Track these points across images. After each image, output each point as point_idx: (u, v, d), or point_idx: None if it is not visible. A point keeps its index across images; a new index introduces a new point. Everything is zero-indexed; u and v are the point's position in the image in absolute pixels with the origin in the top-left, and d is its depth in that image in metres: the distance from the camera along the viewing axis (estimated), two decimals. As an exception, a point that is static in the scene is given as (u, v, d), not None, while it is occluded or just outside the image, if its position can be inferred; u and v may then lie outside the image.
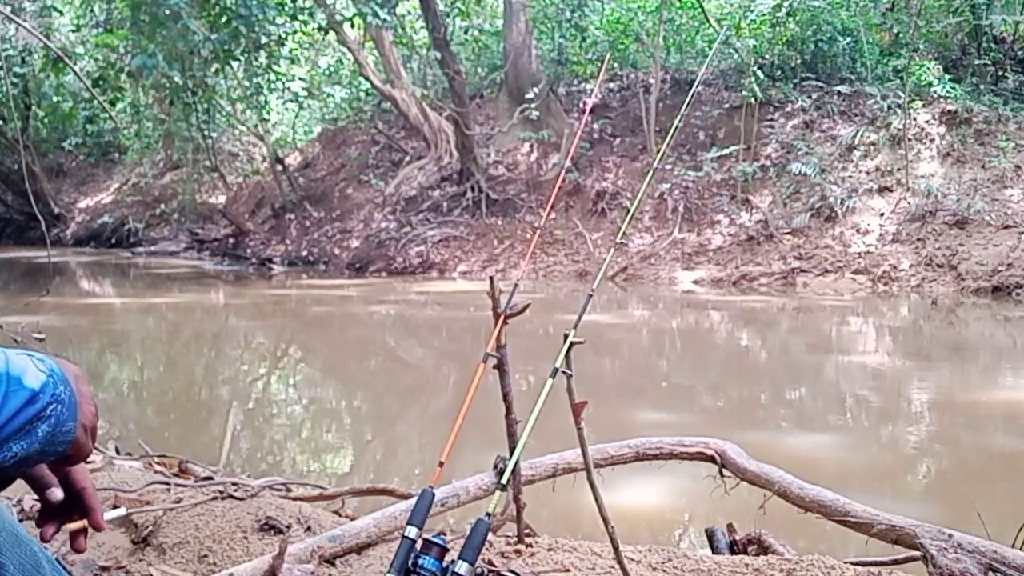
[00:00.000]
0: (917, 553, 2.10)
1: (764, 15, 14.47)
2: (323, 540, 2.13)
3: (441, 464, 1.56)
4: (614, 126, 15.37)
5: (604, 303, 10.68)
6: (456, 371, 7.16)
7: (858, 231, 12.05)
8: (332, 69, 18.60)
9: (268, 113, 16.66)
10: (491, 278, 2.06)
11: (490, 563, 2.15)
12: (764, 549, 2.45)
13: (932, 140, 12.82)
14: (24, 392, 0.88)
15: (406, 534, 1.40)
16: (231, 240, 16.44)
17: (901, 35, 14.08)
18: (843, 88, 14.07)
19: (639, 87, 15.55)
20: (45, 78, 16.93)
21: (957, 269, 10.95)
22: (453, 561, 1.36)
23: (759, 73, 13.64)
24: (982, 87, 13.51)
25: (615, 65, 16.22)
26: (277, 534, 2.28)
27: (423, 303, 11.59)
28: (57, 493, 1.02)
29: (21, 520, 1.27)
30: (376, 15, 12.18)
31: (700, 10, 15.03)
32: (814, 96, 14.12)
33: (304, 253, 15.12)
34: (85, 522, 1.07)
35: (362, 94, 18.10)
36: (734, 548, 2.51)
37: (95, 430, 0.99)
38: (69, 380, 0.94)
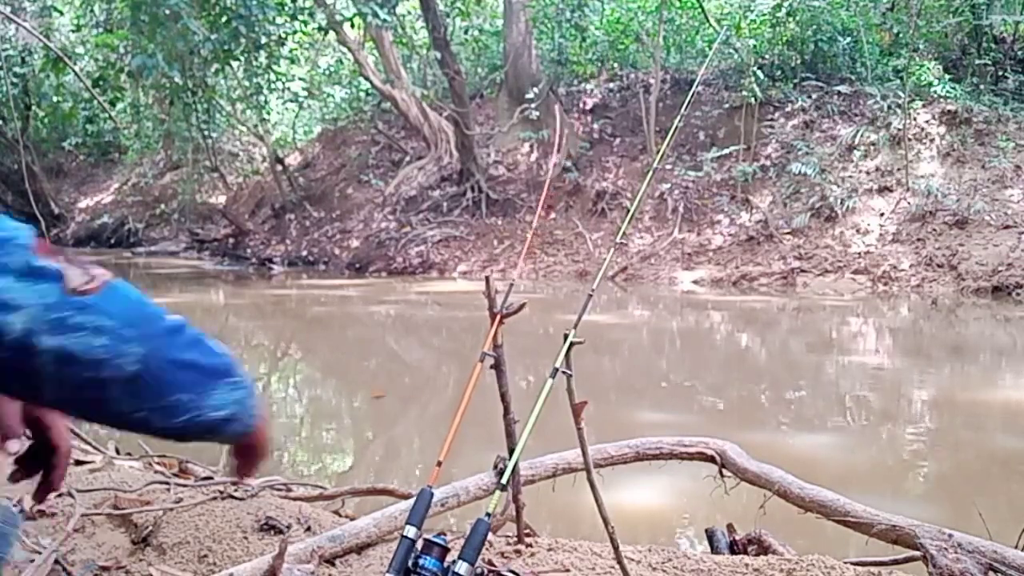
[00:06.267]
0: (917, 553, 2.11)
1: (764, 15, 14.47)
2: (323, 540, 2.13)
3: (439, 464, 1.56)
4: (614, 126, 15.36)
5: (604, 303, 10.67)
6: (456, 371, 7.15)
7: (858, 231, 12.04)
8: (332, 69, 18.60)
9: (268, 113, 16.66)
10: (487, 278, 2.05)
11: (490, 563, 2.15)
12: (764, 549, 2.45)
13: (932, 140, 12.81)
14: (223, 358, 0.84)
15: (405, 534, 1.40)
16: (231, 240, 16.44)
17: (901, 35, 14.08)
18: (843, 88, 14.06)
19: (639, 87, 15.54)
20: (45, 78, 16.92)
21: (957, 269, 10.94)
22: (453, 561, 1.36)
23: (759, 73, 13.64)
24: (982, 87, 13.50)
25: (615, 65, 16.22)
26: (277, 534, 2.29)
27: (423, 303, 11.58)
28: (12, 446, 0.92)
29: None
30: (376, 15, 12.18)
31: (700, 10, 15.03)
32: (814, 96, 14.11)
33: (304, 253, 15.12)
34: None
35: (362, 94, 18.10)
36: (734, 548, 2.51)
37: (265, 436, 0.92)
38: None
